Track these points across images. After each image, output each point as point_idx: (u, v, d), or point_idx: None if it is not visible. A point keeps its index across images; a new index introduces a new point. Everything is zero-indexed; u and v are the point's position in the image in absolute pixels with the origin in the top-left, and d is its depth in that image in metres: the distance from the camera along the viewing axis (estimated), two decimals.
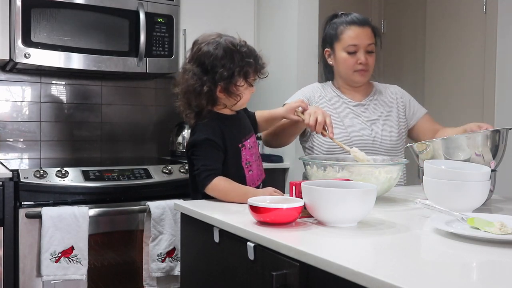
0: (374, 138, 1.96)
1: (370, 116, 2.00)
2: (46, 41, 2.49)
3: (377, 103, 2.04)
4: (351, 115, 1.99)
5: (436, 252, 1.06)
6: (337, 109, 2.00)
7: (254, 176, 1.67)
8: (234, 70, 1.56)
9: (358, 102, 2.03)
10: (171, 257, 2.34)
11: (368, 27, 1.97)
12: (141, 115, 3.18)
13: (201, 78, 1.56)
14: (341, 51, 1.97)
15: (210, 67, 1.56)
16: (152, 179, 2.45)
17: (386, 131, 1.99)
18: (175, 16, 2.80)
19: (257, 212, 1.21)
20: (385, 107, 2.03)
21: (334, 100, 2.02)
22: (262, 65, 1.63)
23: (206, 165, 1.56)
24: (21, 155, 2.86)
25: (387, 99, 2.05)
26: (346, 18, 1.99)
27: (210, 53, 1.56)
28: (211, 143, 1.57)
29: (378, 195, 1.52)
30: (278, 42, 2.99)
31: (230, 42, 1.58)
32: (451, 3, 3.35)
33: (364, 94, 2.05)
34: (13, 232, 2.21)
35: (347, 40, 1.95)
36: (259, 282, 1.14)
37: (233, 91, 1.58)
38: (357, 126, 1.97)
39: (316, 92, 2.05)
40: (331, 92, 2.05)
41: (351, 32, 1.95)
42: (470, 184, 1.34)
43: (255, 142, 1.72)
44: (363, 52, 1.94)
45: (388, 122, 2.00)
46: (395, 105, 2.04)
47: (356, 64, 1.95)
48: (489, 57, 3.10)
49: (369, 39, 1.95)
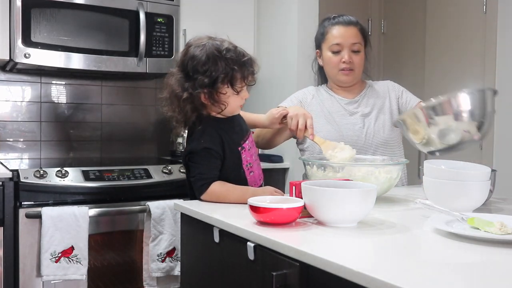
0: (367, 132, 1.96)
1: (363, 110, 2.00)
2: (46, 41, 2.49)
3: (369, 97, 2.03)
4: (343, 112, 2.00)
5: (436, 252, 1.06)
6: (328, 108, 2.00)
7: (255, 176, 1.66)
8: (216, 77, 1.50)
9: (350, 99, 2.02)
10: (171, 257, 2.34)
11: (354, 26, 1.97)
12: (141, 115, 3.19)
13: (183, 84, 1.53)
14: (326, 51, 1.98)
15: (192, 72, 1.52)
16: (152, 179, 2.45)
17: (379, 123, 1.97)
18: (175, 16, 2.80)
19: (257, 212, 1.21)
20: (377, 99, 2.02)
21: (327, 100, 2.03)
22: (251, 71, 1.56)
23: (202, 174, 1.54)
24: (21, 155, 2.86)
25: (379, 92, 2.05)
26: (333, 19, 2.00)
27: (194, 58, 1.52)
28: (210, 151, 1.54)
29: (378, 195, 1.52)
30: (278, 43, 2.99)
31: (215, 48, 1.51)
32: (451, 3, 3.35)
33: (357, 93, 2.05)
34: (13, 232, 2.21)
35: (331, 39, 1.96)
36: (259, 282, 1.14)
37: (216, 99, 1.53)
38: (349, 122, 1.97)
39: (308, 94, 2.06)
40: (324, 93, 2.05)
41: (335, 31, 1.96)
42: (470, 184, 1.34)
43: (252, 142, 1.69)
44: (347, 51, 1.94)
45: (381, 114, 1.99)
46: (387, 96, 2.03)
47: (340, 63, 1.95)
48: (489, 57, 3.10)
49: (353, 39, 1.95)
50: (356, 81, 2.03)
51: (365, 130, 1.96)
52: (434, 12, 3.47)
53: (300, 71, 2.84)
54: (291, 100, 2.04)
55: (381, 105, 2.02)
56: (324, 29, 2.00)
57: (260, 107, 1.88)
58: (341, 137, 1.91)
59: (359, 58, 1.97)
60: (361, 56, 1.98)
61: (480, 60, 3.16)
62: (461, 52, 3.28)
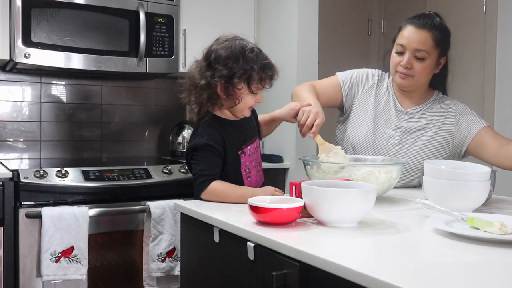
0: (399, 150, 1.86)
1: (412, 125, 1.87)
2: (46, 41, 2.49)
3: (423, 115, 1.88)
4: (390, 119, 1.90)
5: (436, 252, 1.06)
6: (378, 108, 1.92)
7: (252, 182, 1.68)
8: (235, 71, 1.55)
9: (404, 109, 1.90)
10: (171, 257, 2.34)
11: (427, 31, 1.78)
12: (141, 115, 3.19)
13: (204, 73, 1.58)
14: (394, 47, 1.86)
15: (213, 63, 1.57)
16: (152, 179, 2.45)
17: (416, 146, 1.85)
18: (175, 16, 2.80)
19: (257, 212, 1.21)
20: (431, 121, 1.87)
21: (383, 96, 1.93)
22: (270, 75, 1.61)
23: (204, 170, 1.56)
24: (21, 155, 2.86)
25: (438, 114, 1.88)
26: (413, 18, 1.84)
27: (218, 51, 1.57)
28: (211, 148, 1.57)
29: (378, 195, 1.52)
30: (278, 42, 2.99)
31: (240, 45, 1.58)
32: (451, 3, 3.35)
33: (416, 102, 1.90)
34: (13, 232, 2.21)
35: (399, 38, 1.83)
36: (259, 282, 1.14)
37: (231, 93, 1.57)
38: (387, 133, 1.89)
39: (369, 80, 1.95)
40: (385, 88, 1.94)
41: (405, 32, 1.81)
42: (470, 184, 1.34)
43: (257, 148, 1.71)
44: (409, 56, 1.79)
45: (424, 138, 1.85)
46: (442, 120, 1.86)
47: (399, 65, 1.82)
48: (489, 57, 3.10)
49: (419, 45, 1.77)
50: (414, 88, 1.87)
51: (399, 147, 1.87)
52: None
53: (300, 71, 2.84)
54: (352, 74, 1.96)
55: (432, 128, 1.86)
56: (401, 25, 1.86)
57: (260, 106, 1.88)
58: (372, 143, 1.88)
59: (422, 66, 1.79)
60: (426, 65, 1.80)
61: (480, 60, 3.16)
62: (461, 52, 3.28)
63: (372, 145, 1.89)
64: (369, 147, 1.89)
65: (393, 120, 1.90)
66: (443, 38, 1.82)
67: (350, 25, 3.93)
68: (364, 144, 1.90)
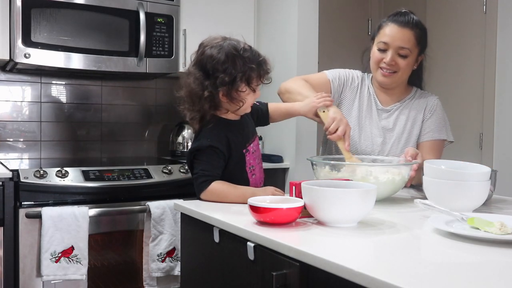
0: (382, 149, 1.89)
1: (388, 125, 1.91)
2: (46, 41, 2.49)
3: (402, 112, 1.91)
4: (372, 119, 1.92)
5: (436, 252, 1.06)
6: (362, 108, 1.93)
7: (257, 179, 1.68)
8: (235, 75, 1.53)
9: (384, 107, 1.93)
10: (171, 257, 2.34)
11: (409, 30, 1.81)
12: (141, 115, 3.19)
13: (203, 83, 1.55)
14: (375, 45, 1.87)
15: (212, 71, 1.54)
16: (152, 179, 2.45)
17: (400, 144, 1.88)
18: (175, 16, 2.80)
19: (257, 212, 1.21)
20: (409, 117, 1.90)
21: (364, 98, 1.94)
22: (266, 70, 1.60)
23: (205, 171, 1.55)
24: (21, 155, 2.86)
25: (415, 109, 1.91)
26: (394, 15, 1.86)
27: (213, 57, 1.54)
28: (215, 150, 1.57)
29: (382, 197, 1.52)
30: (278, 42, 2.99)
31: (233, 47, 1.55)
32: (451, 3, 3.35)
33: (396, 99, 1.93)
34: (13, 232, 2.21)
35: (381, 35, 1.84)
36: (259, 282, 1.14)
37: (235, 97, 1.56)
38: (371, 132, 1.91)
39: (354, 80, 1.97)
40: (366, 88, 1.96)
41: (387, 29, 1.83)
42: (470, 184, 1.34)
43: (257, 145, 1.72)
44: (392, 53, 1.81)
45: (405, 134, 1.89)
46: (420, 116, 1.90)
47: (382, 62, 1.84)
48: (489, 57, 3.10)
49: (402, 42, 1.80)
50: (396, 85, 1.90)
51: (382, 146, 1.90)
52: (434, 12, 3.47)
53: (300, 71, 2.84)
54: (339, 72, 1.97)
55: (411, 124, 1.90)
56: (381, 23, 1.88)
57: None
58: (358, 144, 1.89)
59: (405, 63, 1.82)
60: (408, 61, 1.83)
61: (480, 60, 3.16)
62: (461, 52, 3.28)
63: (357, 145, 1.90)
64: (353, 147, 1.89)
65: (374, 119, 1.93)
66: (423, 36, 1.86)
67: (350, 25, 3.93)
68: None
